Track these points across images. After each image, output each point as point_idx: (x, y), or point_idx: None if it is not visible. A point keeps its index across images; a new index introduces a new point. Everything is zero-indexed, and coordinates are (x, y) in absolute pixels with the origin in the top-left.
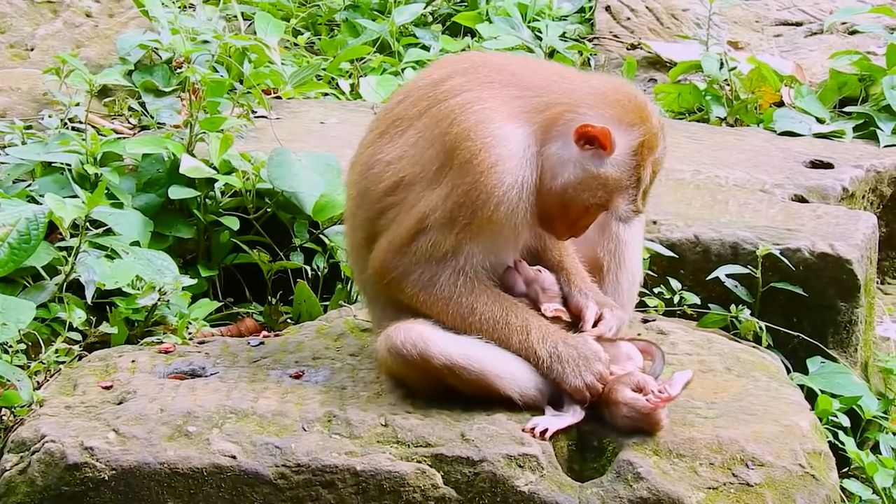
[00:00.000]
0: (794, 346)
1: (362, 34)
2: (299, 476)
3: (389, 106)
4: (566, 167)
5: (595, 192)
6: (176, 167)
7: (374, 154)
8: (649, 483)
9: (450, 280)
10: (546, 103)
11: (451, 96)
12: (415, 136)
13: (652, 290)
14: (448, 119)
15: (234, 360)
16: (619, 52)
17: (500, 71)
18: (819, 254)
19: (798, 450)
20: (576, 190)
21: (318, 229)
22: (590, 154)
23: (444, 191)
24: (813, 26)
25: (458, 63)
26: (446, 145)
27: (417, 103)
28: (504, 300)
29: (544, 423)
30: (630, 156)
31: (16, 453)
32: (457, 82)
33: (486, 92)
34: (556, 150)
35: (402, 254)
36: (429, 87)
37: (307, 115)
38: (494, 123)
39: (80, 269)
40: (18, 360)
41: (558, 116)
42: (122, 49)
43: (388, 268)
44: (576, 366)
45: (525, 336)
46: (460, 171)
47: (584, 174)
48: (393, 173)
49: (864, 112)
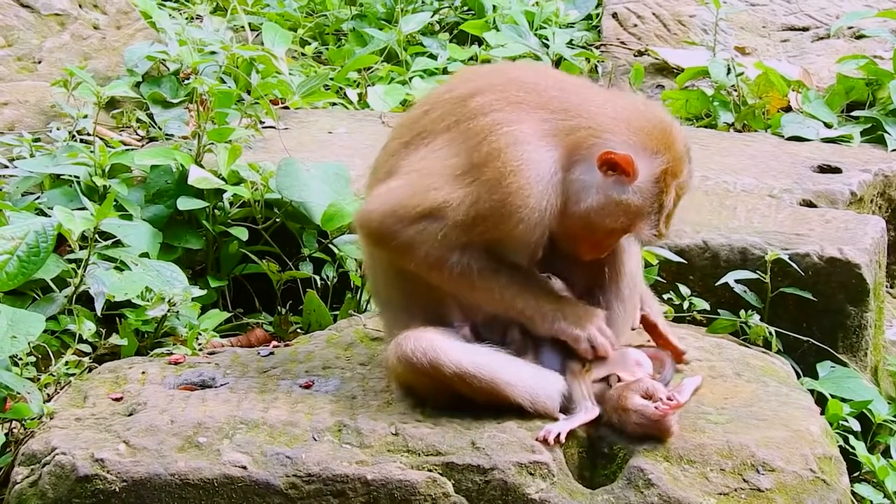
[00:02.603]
0: (804, 351)
1: (370, 43)
2: (310, 486)
3: (415, 115)
4: (589, 192)
5: (617, 217)
6: (184, 178)
7: (398, 161)
8: (660, 489)
9: (458, 260)
10: (572, 127)
11: (480, 114)
12: (440, 146)
13: (661, 296)
14: (478, 137)
15: (245, 370)
16: (626, 59)
17: (528, 90)
18: (828, 258)
19: (809, 454)
20: (598, 215)
21: (326, 239)
22: (612, 180)
23: (468, 198)
24: (820, 31)
25: (485, 78)
26: (474, 160)
27: (445, 117)
28: (509, 266)
29: (556, 428)
30: (653, 183)
31: (26, 466)
32: (486, 100)
33: (515, 113)
34: (580, 175)
35: (404, 225)
36: (457, 101)
37: (315, 125)
38: (525, 146)
39: (89, 281)
40: (28, 372)
41: (583, 141)
42: (130, 61)
43: (389, 233)
44: (577, 317)
45: (531, 297)
46: (488, 188)
47: (606, 200)
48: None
49: (872, 116)
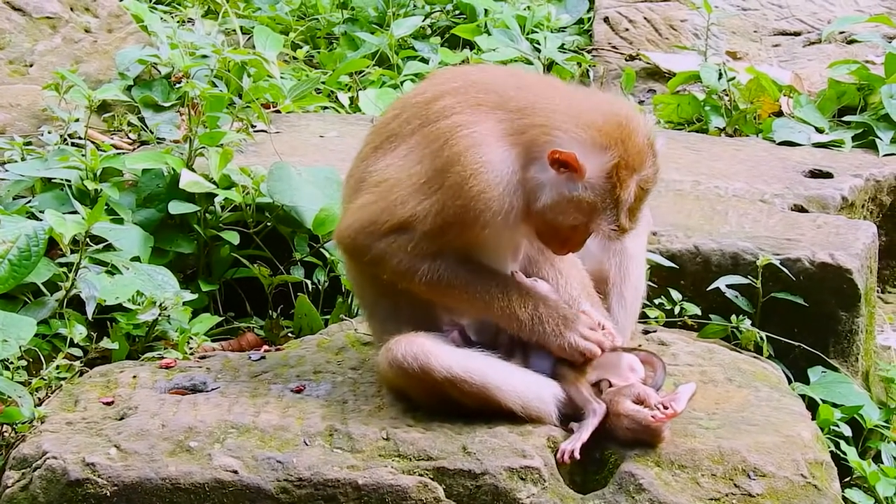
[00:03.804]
0: (795, 356)
1: (361, 47)
2: (301, 490)
3: (385, 120)
4: (544, 190)
5: (572, 213)
6: (176, 182)
7: (367, 167)
8: (651, 494)
9: (429, 268)
10: (526, 125)
11: (442, 117)
12: (405, 151)
13: (652, 301)
14: (439, 141)
15: (236, 374)
16: (617, 64)
17: (487, 91)
18: (819, 263)
19: (800, 460)
20: (554, 212)
21: (318, 243)
22: (565, 177)
23: (433, 206)
24: (811, 36)
25: (449, 81)
26: (437, 165)
27: (411, 121)
28: (485, 270)
29: (569, 445)
30: (604, 178)
31: (17, 470)
32: (448, 103)
33: (475, 115)
34: (536, 174)
35: (376, 239)
36: (421, 105)
37: (307, 129)
38: (484, 148)
39: (80, 285)
40: (19, 376)
41: (536, 139)
42: (122, 64)
43: (362, 248)
44: (556, 325)
45: (507, 302)
46: (451, 194)
47: (559, 197)
48: (378, 176)
49: (863, 121)
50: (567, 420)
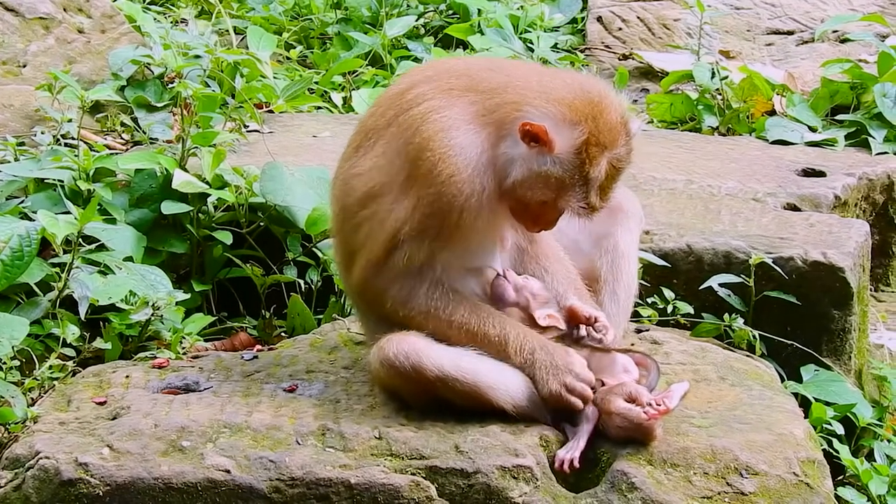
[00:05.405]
0: (788, 355)
1: (354, 47)
2: (294, 490)
3: (363, 118)
4: (514, 165)
5: (540, 188)
6: (169, 182)
7: (350, 168)
8: (644, 493)
9: (427, 293)
10: (497, 104)
11: (414, 105)
12: (383, 147)
13: (645, 299)
14: (411, 128)
15: (228, 374)
16: (610, 63)
17: (459, 76)
18: (812, 262)
19: (792, 458)
20: (522, 187)
21: (311, 243)
22: (535, 152)
23: (411, 203)
24: (804, 35)
25: (423, 71)
26: (410, 155)
27: (385, 113)
28: (482, 310)
29: (567, 455)
30: (573, 153)
31: (10, 470)
32: (420, 91)
33: (445, 100)
34: (506, 150)
35: (379, 270)
36: (396, 96)
37: (300, 129)
38: (451, 132)
39: (73, 286)
40: (12, 376)
41: (507, 116)
42: (115, 65)
43: (367, 285)
44: (545, 373)
45: (503, 347)
46: (424, 182)
47: (528, 172)
48: (363, 184)
49: (856, 120)
50: (558, 419)
